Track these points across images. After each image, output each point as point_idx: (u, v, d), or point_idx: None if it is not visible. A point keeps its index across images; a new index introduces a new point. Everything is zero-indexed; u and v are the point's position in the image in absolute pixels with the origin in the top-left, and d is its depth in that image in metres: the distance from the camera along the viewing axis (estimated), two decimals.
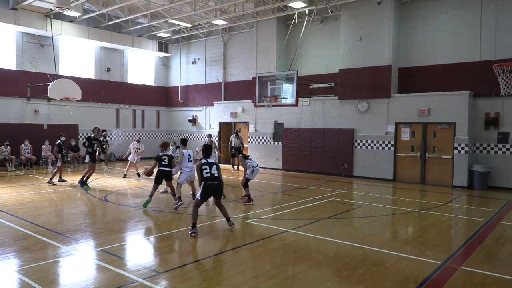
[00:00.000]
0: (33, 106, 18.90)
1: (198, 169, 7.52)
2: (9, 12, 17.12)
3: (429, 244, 7.17)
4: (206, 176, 7.43)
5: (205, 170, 7.45)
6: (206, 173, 7.44)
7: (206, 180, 7.43)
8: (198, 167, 7.53)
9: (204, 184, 7.43)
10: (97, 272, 5.62)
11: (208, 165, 7.53)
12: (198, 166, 7.52)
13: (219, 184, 7.59)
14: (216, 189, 7.55)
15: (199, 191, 7.53)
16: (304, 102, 17.61)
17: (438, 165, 14.39)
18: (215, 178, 7.51)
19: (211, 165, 7.56)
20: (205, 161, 7.59)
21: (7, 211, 9.05)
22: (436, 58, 15.07)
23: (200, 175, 7.47)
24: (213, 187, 7.48)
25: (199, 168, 7.50)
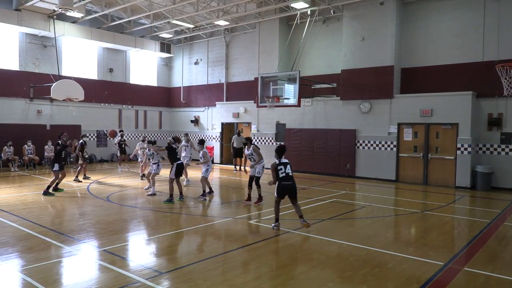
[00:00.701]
0: (36, 107, 18.96)
1: (273, 169, 7.77)
2: (12, 13, 17.18)
3: (432, 245, 7.15)
4: (282, 176, 7.73)
5: (281, 170, 7.75)
6: (281, 173, 7.74)
7: (281, 180, 7.74)
8: (273, 168, 7.78)
9: (278, 184, 7.74)
10: (99, 272, 5.64)
11: (283, 165, 7.82)
12: (274, 167, 7.78)
13: (294, 184, 7.88)
14: (290, 188, 7.82)
15: (276, 190, 7.81)
16: (306, 102, 17.60)
17: (441, 166, 14.35)
18: (289, 177, 7.80)
19: (285, 165, 7.85)
20: (280, 161, 7.85)
21: (10, 211, 9.08)
22: (439, 58, 15.04)
23: (275, 175, 7.75)
24: (287, 186, 7.78)
25: (275, 168, 7.75)
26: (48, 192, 11.27)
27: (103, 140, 21.66)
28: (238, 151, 18.61)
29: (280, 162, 7.88)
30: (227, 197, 12.40)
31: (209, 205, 10.67)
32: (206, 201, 10.92)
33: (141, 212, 9.59)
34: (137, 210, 9.83)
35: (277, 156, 7.99)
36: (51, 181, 11.59)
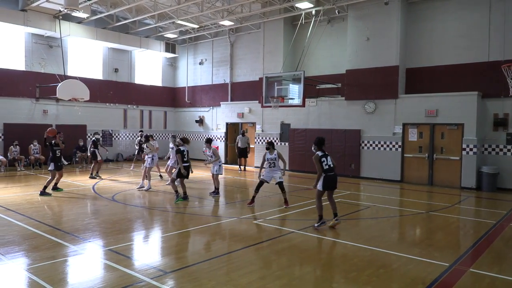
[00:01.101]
0: (42, 107, 19.08)
1: (317, 161, 7.79)
2: (18, 13, 17.31)
3: (437, 245, 7.12)
4: (326, 168, 7.80)
5: (324, 162, 7.80)
6: (325, 165, 7.80)
7: (326, 172, 7.80)
8: (317, 159, 7.80)
9: (324, 176, 7.79)
10: (105, 271, 5.67)
11: (325, 157, 7.89)
12: (317, 158, 7.80)
13: (336, 176, 8.00)
14: (335, 180, 7.94)
15: (319, 182, 7.85)
16: (311, 102, 17.58)
17: (446, 166, 14.28)
18: (332, 169, 7.90)
19: (327, 156, 7.94)
20: (322, 153, 7.88)
21: (16, 210, 9.15)
22: (444, 58, 14.97)
23: (320, 167, 7.78)
24: (333, 177, 7.89)
25: (318, 160, 7.79)
26: (44, 193, 11.11)
27: (108, 140, 21.75)
28: (243, 151, 18.64)
29: (323, 154, 7.91)
30: (232, 197, 12.42)
31: (213, 205, 10.68)
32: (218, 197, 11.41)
33: (146, 212, 9.62)
34: (142, 209, 9.87)
35: (317, 148, 7.99)
36: (47, 181, 11.47)
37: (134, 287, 5.00)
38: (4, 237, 7.03)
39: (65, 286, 5.07)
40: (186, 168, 10.66)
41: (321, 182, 7.87)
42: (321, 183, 7.86)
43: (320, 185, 7.88)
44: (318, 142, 8.03)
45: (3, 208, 9.41)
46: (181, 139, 10.98)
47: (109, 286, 5.01)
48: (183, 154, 10.63)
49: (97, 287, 4.99)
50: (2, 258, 5.96)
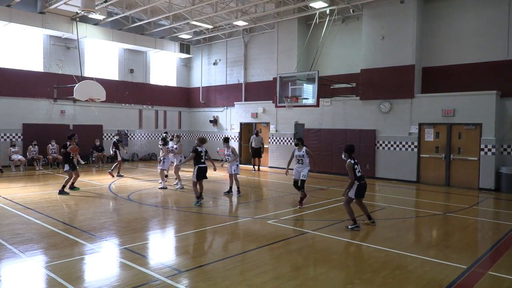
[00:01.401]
0: (60, 107, 19.43)
1: (351, 169, 7.96)
2: (37, 16, 17.66)
3: (454, 247, 7.00)
4: (359, 175, 7.97)
5: (356, 169, 7.98)
6: (358, 172, 7.97)
7: (359, 180, 7.95)
8: (351, 167, 7.96)
9: (358, 184, 7.93)
10: (120, 269, 5.74)
11: (357, 164, 8.08)
12: (351, 166, 7.96)
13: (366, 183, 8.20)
14: (365, 188, 8.15)
15: (352, 190, 7.96)
16: (325, 102, 17.48)
17: (464, 167, 14.03)
18: (363, 177, 8.13)
19: (358, 164, 8.14)
20: (355, 161, 8.07)
21: (35, 209, 9.34)
22: (462, 57, 14.70)
23: (353, 174, 7.93)
24: (364, 186, 8.08)
25: (352, 167, 7.96)
26: (63, 191, 11.43)
27: (124, 140, 22.01)
28: (257, 151, 18.64)
29: (355, 161, 8.07)
30: (246, 197, 12.42)
31: (228, 205, 10.72)
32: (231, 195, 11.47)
33: (160, 211, 9.71)
34: (157, 209, 9.96)
35: (348, 156, 8.11)
36: (65, 181, 11.74)
37: (150, 285, 5.05)
38: (23, 235, 7.19)
39: (82, 283, 5.15)
40: (203, 170, 10.20)
41: (353, 190, 7.97)
42: (354, 191, 7.97)
43: (353, 193, 7.99)
44: (349, 149, 8.17)
45: (22, 206, 9.61)
46: (198, 139, 10.45)
47: (124, 284, 5.07)
48: (200, 154, 10.16)
49: (113, 285, 5.05)
50: (21, 255, 6.09)
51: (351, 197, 8.04)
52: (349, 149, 8.16)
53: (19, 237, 7.08)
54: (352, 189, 7.98)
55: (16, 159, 16.72)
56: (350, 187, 7.99)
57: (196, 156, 10.08)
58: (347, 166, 8.03)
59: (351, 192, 8.00)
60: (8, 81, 17.70)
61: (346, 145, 8.28)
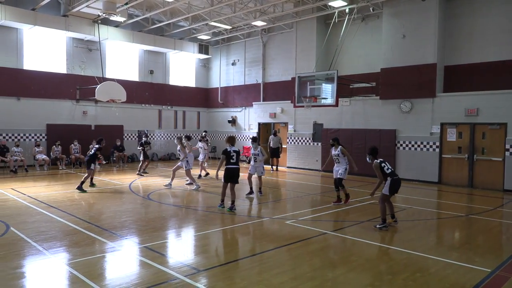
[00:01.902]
0: (82, 108, 19.86)
1: (378, 169, 8.14)
2: (60, 19, 18.10)
3: (478, 250, 6.83)
4: (390, 171, 8.16)
5: (385, 167, 8.17)
6: (387, 170, 8.15)
7: (391, 175, 8.13)
8: (378, 167, 8.15)
9: (391, 180, 8.08)
10: (140, 268, 5.82)
11: (384, 162, 8.27)
12: (378, 166, 8.15)
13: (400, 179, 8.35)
14: (400, 183, 8.24)
15: (386, 187, 8.09)
16: (344, 102, 17.31)
17: (488, 168, 13.67)
18: (395, 173, 8.30)
19: (385, 161, 8.34)
20: (381, 160, 8.27)
21: (58, 207, 9.57)
22: (485, 55, 14.32)
23: (381, 174, 8.13)
24: (399, 181, 8.19)
25: (379, 167, 8.14)
26: (81, 188, 11.94)
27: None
28: (275, 151, 18.62)
29: (382, 160, 8.25)
30: (265, 197, 12.41)
31: (246, 205, 10.74)
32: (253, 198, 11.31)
33: (179, 210, 9.80)
34: (176, 208, 10.06)
35: (372, 158, 8.32)
36: (84, 177, 12.23)
37: (169, 284, 5.11)
38: (47, 233, 7.38)
39: (103, 281, 5.25)
40: (233, 171, 9.36)
41: (387, 186, 8.08)
42: (388, 188, 8.09)
43: (387, 190, 8.09)
44: (374, 151, 8.40)
45: (46, 205, 9.87)
46: (227, 139, 9.78)
47: (144, 283, 5.14)
48: (230, 155, 9.41)
49: (133, 283, 5.13)
50: (45, 252, 6.25)
51: (385, 194, 8.13)
52: (373, 151, 8.39)
53: (43, 234, 7.26)
54: (385, 186, 8.13)
55: (41, 159, 17.17)
56: (378, 187, 8.19)
57: (227, 157, 9.41)
58: (374, 167, 8.21)
59: (385, 188, 8.12)
60: (33, 83, 18.21)
61: (370, 148, 8.51)
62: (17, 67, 17.87)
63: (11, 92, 17.67)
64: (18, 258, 6.06)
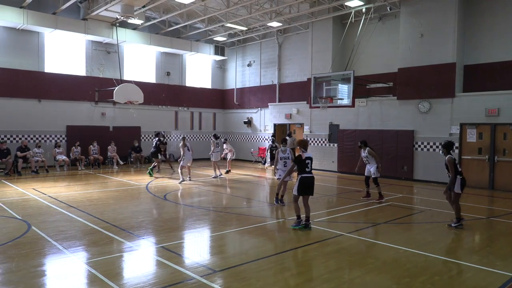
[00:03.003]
0: (100, 110, 20.20)
1: (454, 164, 8.20)
2: (80, 22, 18.47)
3: (499, 254, 6.66)
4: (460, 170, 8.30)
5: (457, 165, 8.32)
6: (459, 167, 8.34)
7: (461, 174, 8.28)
8: (454, 163, 8.22)
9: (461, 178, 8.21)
10: (157, 267, 5.88)
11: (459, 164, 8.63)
12: (454, 162, 8.23)
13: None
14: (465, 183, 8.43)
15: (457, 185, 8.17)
16: (361, 102, 17.14)
17: (509, 169, 13.33)
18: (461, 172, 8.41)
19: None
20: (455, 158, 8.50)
21: (77, 207, 9.75)
22: (507, 54, 13.98)
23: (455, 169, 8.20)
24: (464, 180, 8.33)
25: (454, 163, 8.23)
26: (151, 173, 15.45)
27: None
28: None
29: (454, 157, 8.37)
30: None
31: (261, 206, 10.74)
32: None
33: (196, 211, 9.86)
34: (192, 208, 10.13)
35: (447, 152, 8.38)
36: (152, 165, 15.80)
37: (185, 284, 5.15)
38: (66, 232, 7.53)
39: (121, 280, 5.32)
40: (309, 181, 7.92)
41: (458, 185, 8.15)
42: (459, 186, 8.15)
43: (458, 188, 8.17)
44: (449, 145, 8.47)
45: (65, 205, 10.07)
46: (299, 143, 8.28)
47: (161, 282, 5.19)
48: (305, 162, 7.91)
49: (150, 282, 5.19)
50: (65, 251, 6.38)
51: (458, 193, 8.19)
52: (449, 146, 8.43)
53: (63, 234, 7.42)
54: (457, 184, 8.14)
55: (61, 160, 17.52)
56: (453, 183, 8.17)
57: (300, 164, 7.92)
58: (448, 161, 8.21)
59: (457, 187, 8.14)
60: (53, 85, 18.62)
61: (445, 142, 8.55)
62: (38, 69, 18.31)
63: (33, 94, 18.11)
64: (39, 256, 6.20)
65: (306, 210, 7.97)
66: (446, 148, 8.40)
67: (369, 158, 11.10)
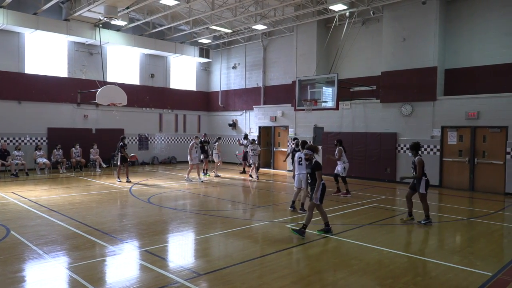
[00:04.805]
0: (83, 112, 19.90)
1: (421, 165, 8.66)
2: (61, 23, 18.17)
3: (479, 254, 6.80)
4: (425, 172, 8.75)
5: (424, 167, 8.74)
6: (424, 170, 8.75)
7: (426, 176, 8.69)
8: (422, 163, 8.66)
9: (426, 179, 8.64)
10: (141, 271, 5.81)
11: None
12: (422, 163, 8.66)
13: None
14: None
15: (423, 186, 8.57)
16: (345, 105, 17.32)
17: (489, 171, 13.65)
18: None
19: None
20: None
21: (58, 211, 9.57)
22: (486, 58, 14.34)
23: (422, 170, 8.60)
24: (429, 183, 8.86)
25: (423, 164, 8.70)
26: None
27: (145, 144, 22.38)
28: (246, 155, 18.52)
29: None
30: (266, 200, 12.41)
31: (247, 209, 10.72)
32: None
33: (180, 214, 9.79)
34: (177, 212, 10.05)
35: (416, 153, 8.68)
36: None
37: None
38: (47, 237, 7.37)
39: (103, 285, 5.24)
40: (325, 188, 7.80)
41: (423, 185, 8.50)
42: (424, 187, 8.48)
43: (423, 189, 8.56)
44: (417, 146, 8.75)
45: (46, 208, 9.87)
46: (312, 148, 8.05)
47: (145, 286, 5.13)
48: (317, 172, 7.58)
49: (133, 287, 5.12)
50: (45, 256, 6.25)
51: (423, 193, 8.58)
52: (416, 146, 8.72)
53: (43, 238, 7.26)
54: (422, 185, 8.54)
55: (41, 162, 17.18)
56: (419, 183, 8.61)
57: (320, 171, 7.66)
58: (418, 162, 8.57)
59: (422, 188, 8.54)
60: (34, 87, 18.25)
61: (412, 143, 8.85)
62: (18, 71, 17.93)
63: (12, 96, 17.72)
64: (18, 262, 6.05)
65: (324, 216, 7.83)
66: (414, 149, 8.67)
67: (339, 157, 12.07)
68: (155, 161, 22.60)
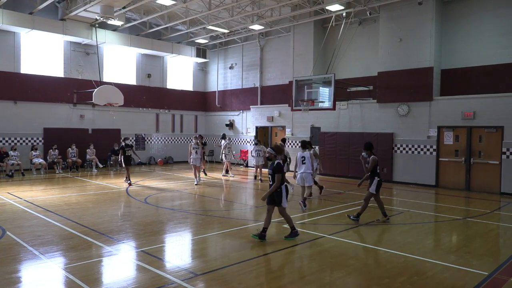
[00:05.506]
0: (79, 112, 19.82)
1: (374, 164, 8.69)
2: (58, 23, 18.09)
3: (475, 253, 6.83)
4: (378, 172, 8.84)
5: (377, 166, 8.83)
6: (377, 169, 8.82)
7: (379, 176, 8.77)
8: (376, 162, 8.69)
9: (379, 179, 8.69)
10: (137, 272, 5.79)
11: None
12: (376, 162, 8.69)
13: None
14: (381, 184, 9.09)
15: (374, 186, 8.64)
16: (342, 105, 17.35)
17: (485, 171, 13.71)
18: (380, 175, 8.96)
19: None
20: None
21: (55, 211, 9.52)
22: (482, 58, 14.40)
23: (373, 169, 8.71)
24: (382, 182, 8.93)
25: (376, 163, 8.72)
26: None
27: (141, 144, 22.32)
28: None
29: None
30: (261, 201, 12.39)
31: (244, 209, 10.72)
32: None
33: (177, 214, 9.77)
34: (173, 212, 10.03)
35: (370, 153, 8.77)
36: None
37: None
38: (43, 237, 7.34)
39: (100, 285, 5.22)
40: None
41: (375, 185, 8.70)
42: (375, 187, 8.69)
43: (374, 188, 8.68)
44: (371, 146, 8.88)
45: (42, 209, 9.82)
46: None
47: (142, 287, 5.12)
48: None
49: (130, 287, 5.10)
50: (41, 257, 6.22)
51: (372, 193, 8.71)
52: (370, 146, 8.85)
53: (40, 239, 7.23)
54: (373, 185, 8.66)
55: (37, 163, 17.10)
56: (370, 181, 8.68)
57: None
58: (372, 161, 8.68)
59: (373, 187, 8.67)
60: (30, 87, 18.16)
61: (366, 143, 8.97)
62: (14, 71, 17.85)
63: (8, 96, 17.63)
64: (14, 262, 6.02)
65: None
66: (369, 149, 8.85)
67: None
68: (151, 161, 22.56)
